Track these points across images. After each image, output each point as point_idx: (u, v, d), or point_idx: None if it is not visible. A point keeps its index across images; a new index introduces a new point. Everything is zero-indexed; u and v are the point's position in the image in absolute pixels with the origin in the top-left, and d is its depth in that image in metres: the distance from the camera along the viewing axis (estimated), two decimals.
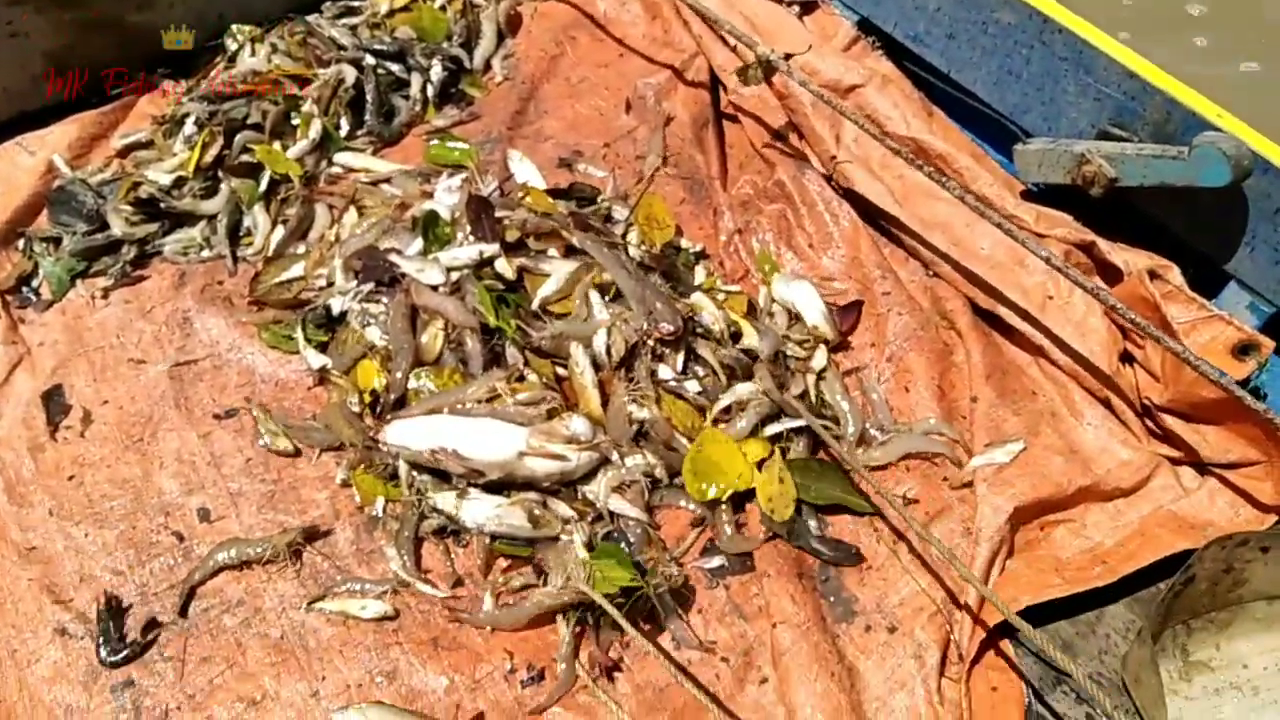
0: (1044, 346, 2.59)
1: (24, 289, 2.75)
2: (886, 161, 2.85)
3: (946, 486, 2.41)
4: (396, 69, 3.32)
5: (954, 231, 2.72)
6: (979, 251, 2.67)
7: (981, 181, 2.72)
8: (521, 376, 2.38)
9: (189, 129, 3.00)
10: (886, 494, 2.26)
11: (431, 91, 3.32)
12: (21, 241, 2.83)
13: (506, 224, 2.61)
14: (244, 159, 2.95)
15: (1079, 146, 2.57)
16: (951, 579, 2.23)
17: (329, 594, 2.17)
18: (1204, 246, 2.56)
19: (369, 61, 3.25)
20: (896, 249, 2.89)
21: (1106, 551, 2.30)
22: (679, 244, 2.87)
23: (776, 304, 2.73)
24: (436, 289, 2.49)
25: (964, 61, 3.01)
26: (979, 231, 2.67)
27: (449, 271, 2.51)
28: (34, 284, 2.76)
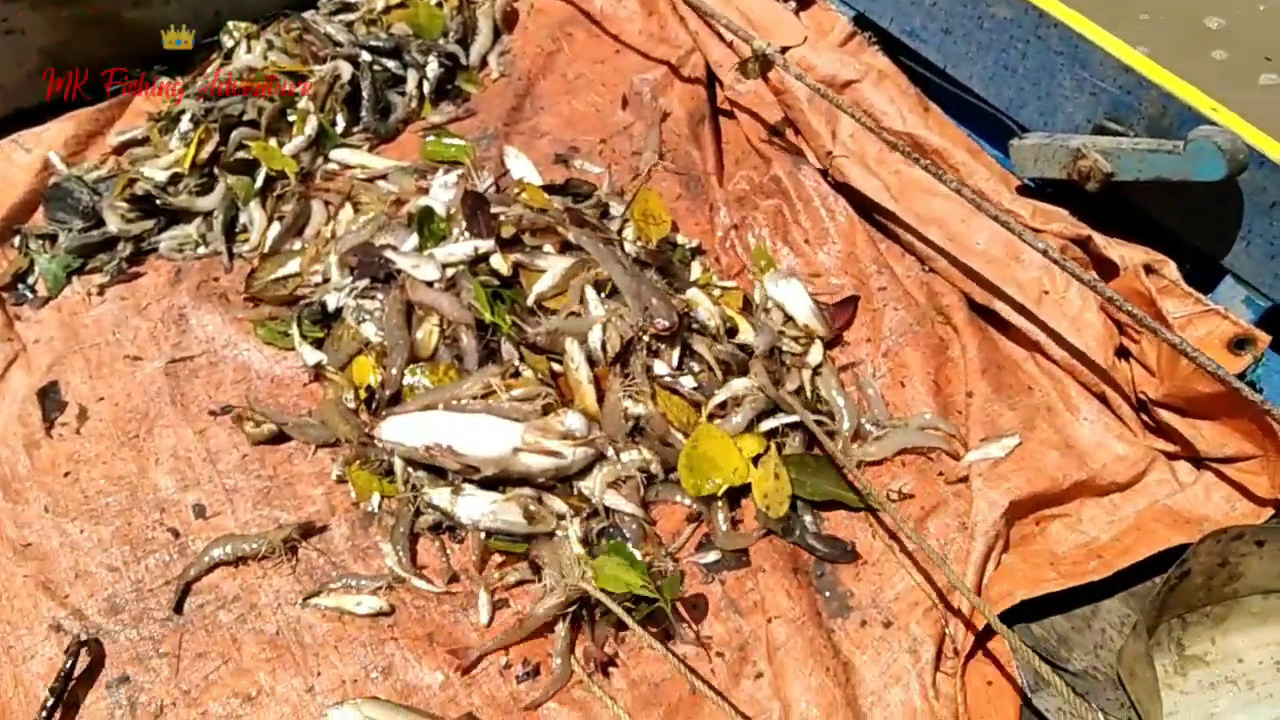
0: (1040, 341, 2.59)
1: (20, 286, 2.76)
2: (882, 157, 2.85)
3: (942, 481, 2.41)
4: (393, 65, 3.32)
5: (950, 227, 2.71)
6: (975, 247, 2.67)
7: (978, 176, 2.72)
8: (517, 372, 2.38)
9: (185, 126, 3.00)
10: (879, 497, 2.25)
11: (428, 88, 3.33)
12: (17, 238, 2.84)
13: (502, 220, 2.61)
14: (240, 155, 2.96)
15: (1075, 141, 2.57)
16: (949, 568, 2.23)
17: (324, 590, 2.17)
18: (1199, 241, 2.55)
19: (365, 58, 3.26)
20: (892, 244, 2.89)
21: (1102, 546, 2.30)
22: (675, 240, 2.87)
23: (771, 300, 2.73)
24: (432, 285, 2.49)
25: (960, 56, 3.00)
26: (975, 227, 2.67)
27: (444, 267, 2.50)
28: (30, 281, 2.77)
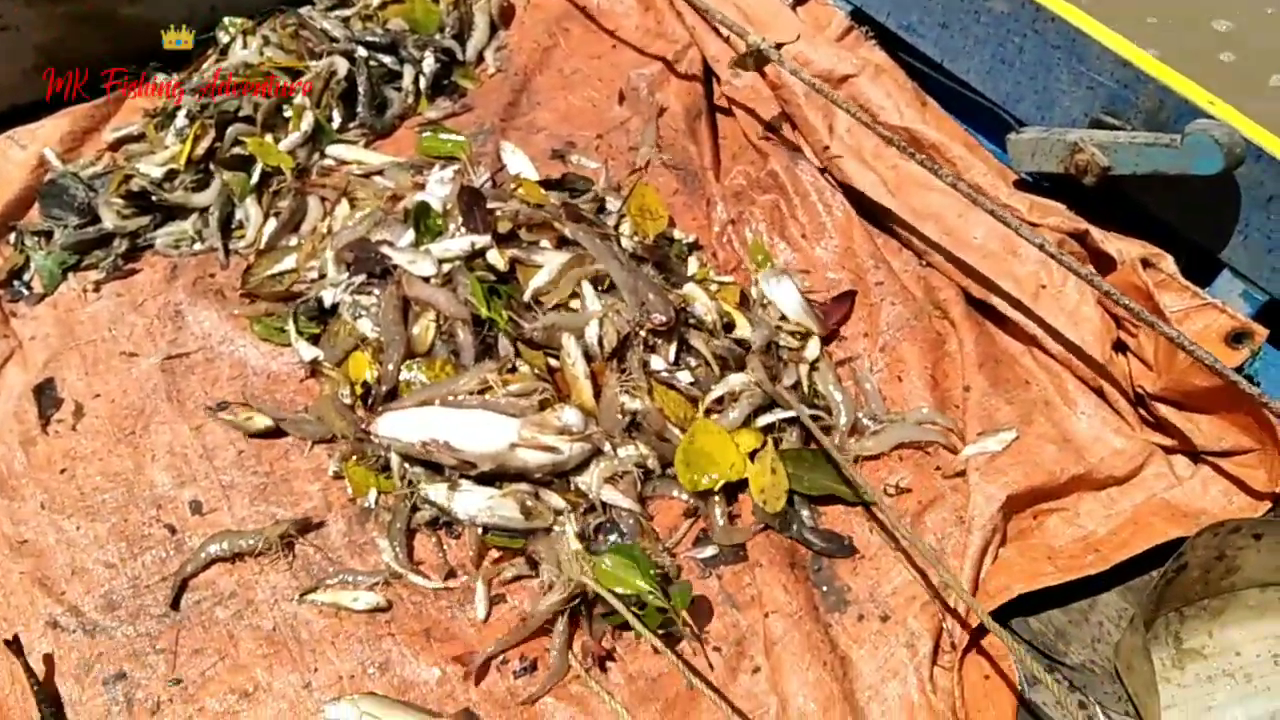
0: (1037, 335, 2.58)
1: (15, 283, 2.75)
2: (879, 152, 2.85)
3: (939, 476, 2.41)
4: (389, 61, 3.31)
5: (947, 221, 2.71)
6: (972, 241, 2.67)
7: (975, 171, 2.72)
8: (513, 368, 2.38)
9: (180, 122, 2.99)
10: (874, 493, 2.25)
11: (424, 83, 3.32)
12: (13, 235, 2.83)
13: (498, 215, 2.60)
14: (236, 151, 2.94)
15: (1072, 135, 2.57)
16: (944, 567, 2.23)
17: (321, 586, 2.17)
18: (1197, 235, 2.55)
19: (361, 53, 3.24)
20: (889, 239, 2.89)
21: (1099, 540, 2.30)
22: (672, 235, 2.86)
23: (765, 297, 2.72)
24: (428, 280, 2.48)
25: (957, 51, 3.00)
26: (972, 221, 2.67)
27: (441, 263, 2.50)
28: (25, 278, 2.76)
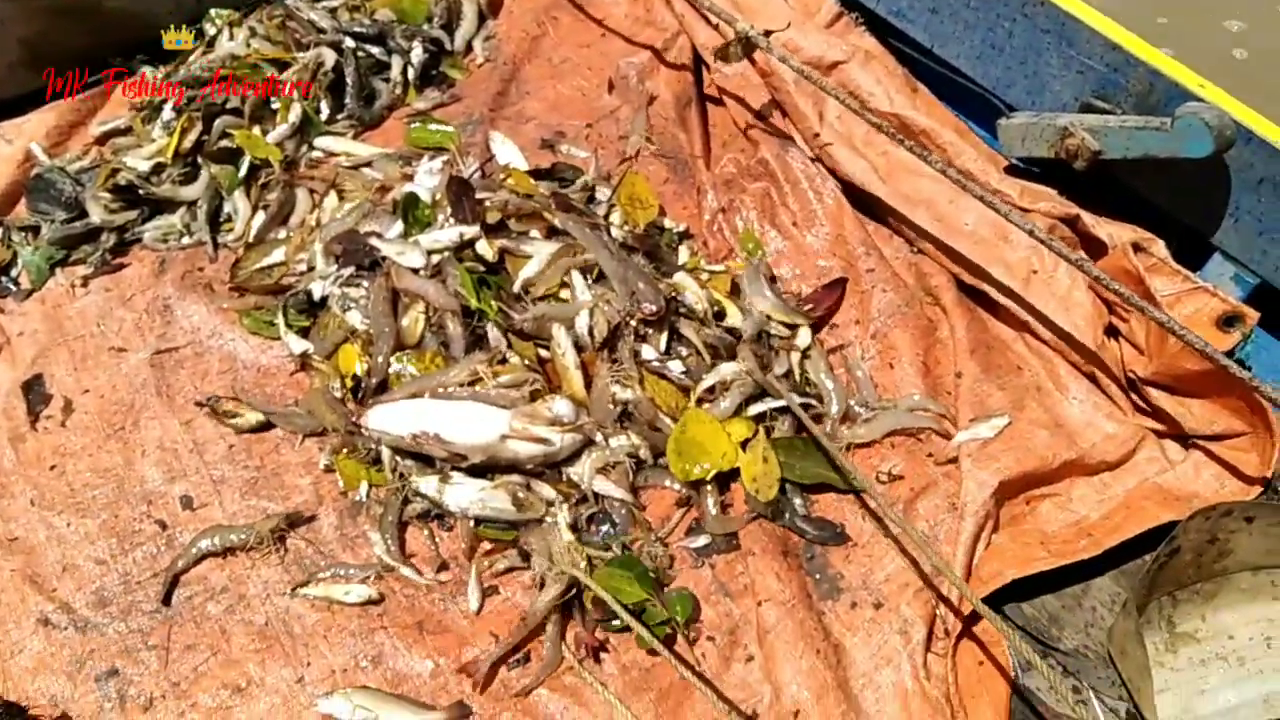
0: (1028, 321, 2.58)
1: (3, 278, 2.74)
2: (870, 138, 2.83)
3: (931, 462, 2.41)
4: (377, 51, 3.29)
5: (938, 207, 2.70)
6: (963, 227, 2.66)
7: (965, 157, 2.72)
8: (504, 359, 2.37)
9: (167, 115, 2.97)
10: (865, 481, 2.25)
11: (412, 74, 3.30)
12: (0, 231, 2.81)
13: (487, 205, 2.59)
14: (223, 144, 2.93)
15: (1062, 120, 2.56)
16: (938, 554, 2.22)
17: (313, 579, 2.17)
18: (1188, 218, 2.55)
19: (349, 44, 3.22)
20: (880, 226, 2.88)
21: (1092, 525, 2.30)
22: (662, 224, 2.85)
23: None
24: (417, 272, 2.47)
25: (947, 36, 2.99)
26: (963, 207, 2.66)
27: (430, 254, 2.49)
28: (13, 273, 2.75)
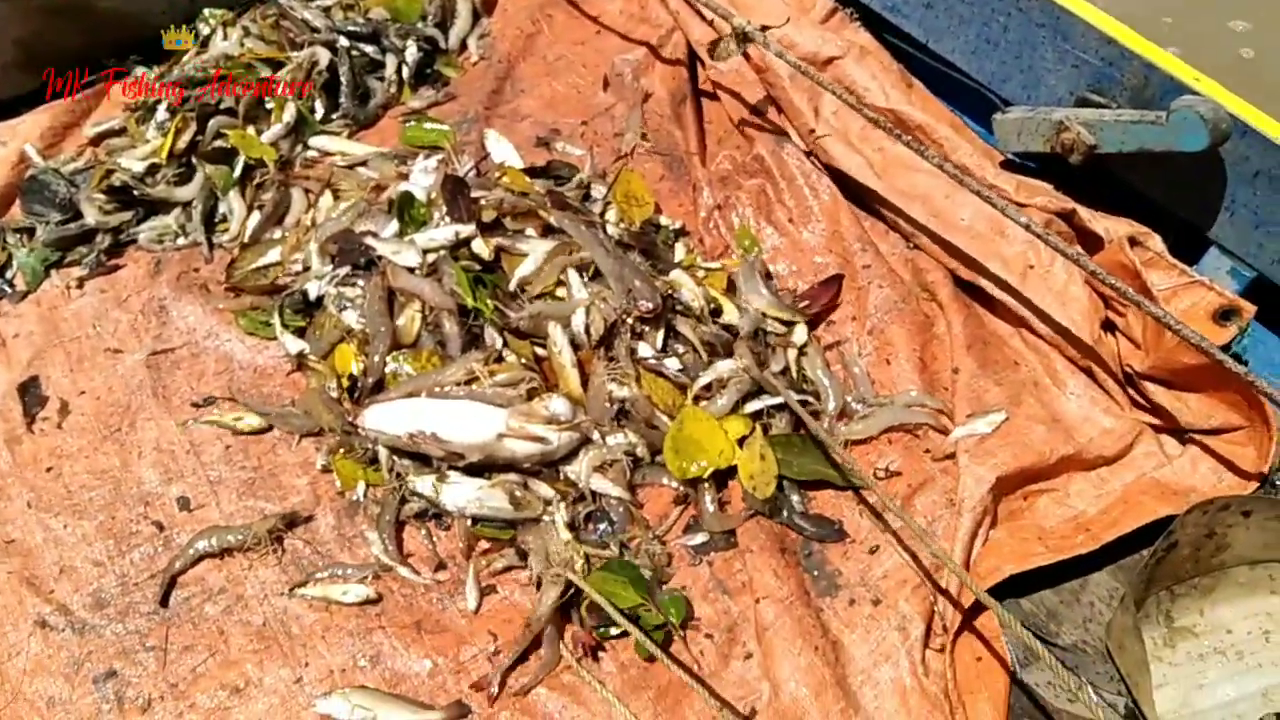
0: (1025, 316, 2.58)
1: None
2: (865, 134, 2.83)
3: (929, 458, 2.40)
4: (371, 50, 3.28)
5: (934, 203, 2.70)
6: (959, 222, 2.65)
7: (961, 152, 2.71)
8: (500, 357, 2.37)
9: (161, 115, 2.96)
10: (864, 476, 2.24)
11: (407, 73, 3.30)
12: None
13: (483, 204, 2.58)
14: (218, 144, 2.92)
15: (1058, 114, 2.55)
16: (936, 546, 2.23)
17: (311, 580, 2.17)
18: (1184, 212, 2.54)
19: (343, 43, 3.22)
20: (877, 221, 2.88)
21: (1090, 519, 2.30)
22: (658, 221, 2.85)
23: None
24: (413, 271, 2.47)
25: (942, 31, 2.98)
26: (959, 202, 2.65)
27: (425, 253, 2.48)
28: (8, 275, 2.75)
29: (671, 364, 2.43)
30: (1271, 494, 2.26)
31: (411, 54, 3.30)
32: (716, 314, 2.57)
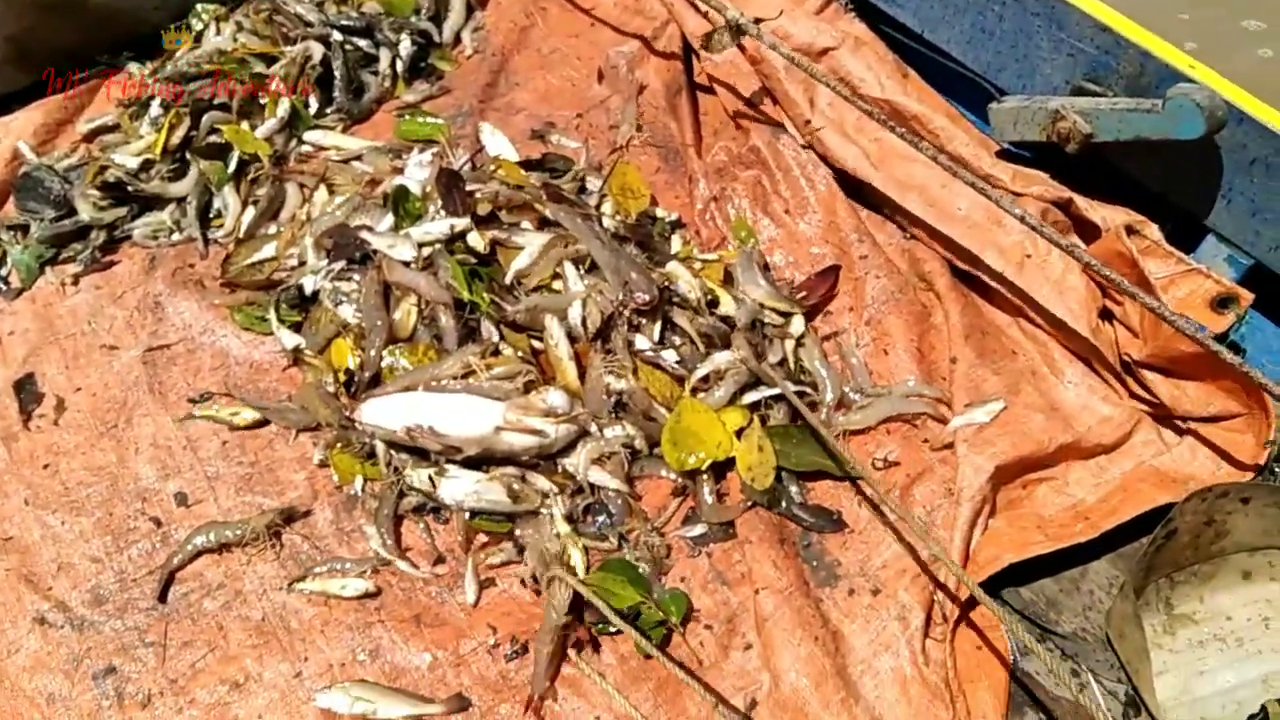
0: (1023, 306, 2.57)
1: None
2: (861, 124, 2.82)
3: (927, 448, 2.40)
4: (364, 44, 3.28)
5: (930, 193, 2.69)
6: (956, 212, 2.65)
7: (957, 142, 2.70)
8: (497, 351, 2.36)
9: (155, 111, 2.96)
10: (862, 469, 2.24)
11: (401, 66, 3.29)
12: None
13: (478, 197, 2.58)
14: (212, 140, 2.92)
15: (1053, 103, 2.55)
16: (934, 540, 2.22)
17: (309, 574, 2.16)
18: (1181, 200, 2.54)
19: (336, 38, 3.21)
20: (873, 212, 2.87)
21: (1089, 508, 2.30)
22: (654, 213, 2.84)
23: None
24: (409, 265, 2.46)
25: (937, 21, 2.98)
26: (955, 192, 2.64)
27: (421, 247, 2.48)
28: (2, 272, 2.74)
29: (669, 356, 2.42)
30: (1270, 481, 2.26)
31: (405, 48, 3.29)
32: (713, 306, 2.57)
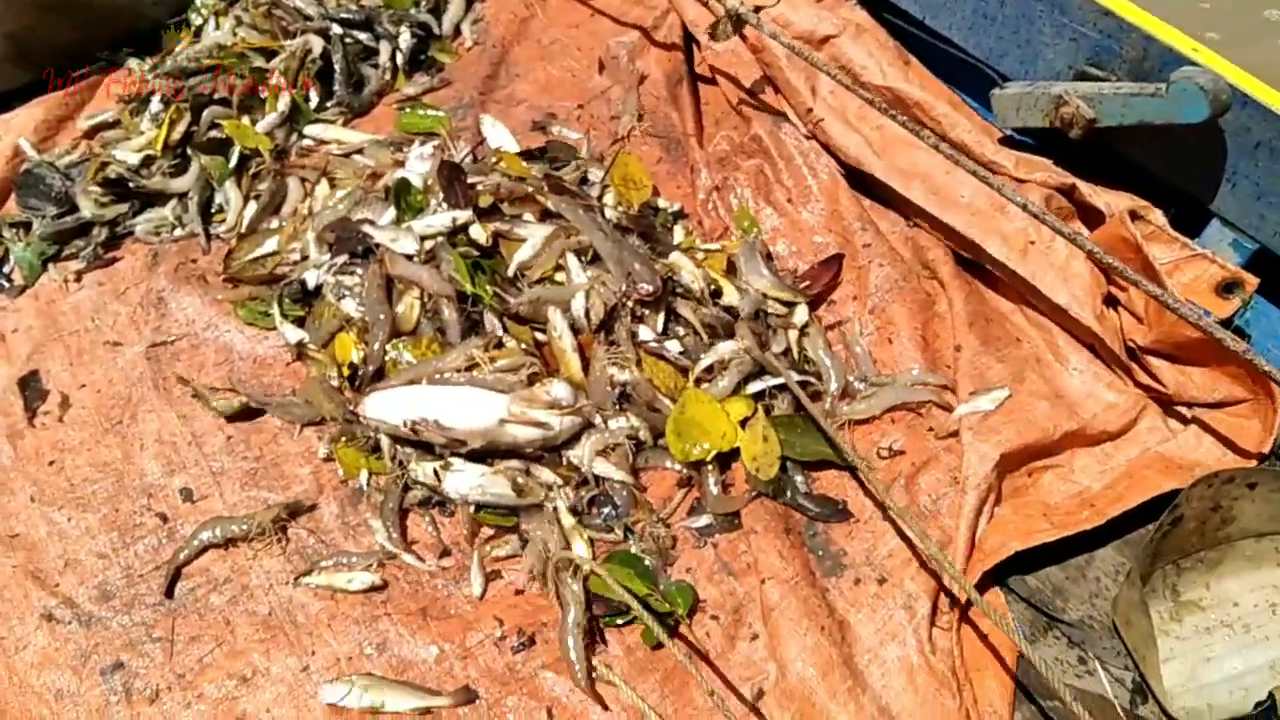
0: (1027, 293, 2.56)
1: None
2: (863, 113, 2.81)
3: (932, 437, 2.40)
4: (364, 37, 3.28)
5: (934, 180, 2.68)
6: (959, 199, 2.64)
7: (960, 129, 2.69)
8: (500, 343, 2.36)
9: (155, 107, 2.96)
10: (860, 460, 2.23)
11: (401, 59, 3.29)
12: None
13: (479, 189, 2.58)
14: (212, 135, 2.92)
15: (1056, 88, 2.53)
16: (940, 528, 2.23)
17: (316, 568, 2.16)
18: (1185, 185, 2.53)
19: (336, 31, 3.21)
20: (876, 200, 2.86)
21: (1094, 495, 2.29)
22: (656, 204, 2.84)
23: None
24: (411, 258, 2.46)
25: (938, 7, 2.96)
26: (959, 179, 2.64)
27: (423, 240, 2.48)
28: (5, 270, 2.75)
29: (672, 346, 2.42)
30: (1276, 466, 2.26)
31: (405, 40, 3.29)
32: (717, 296, 2.56)
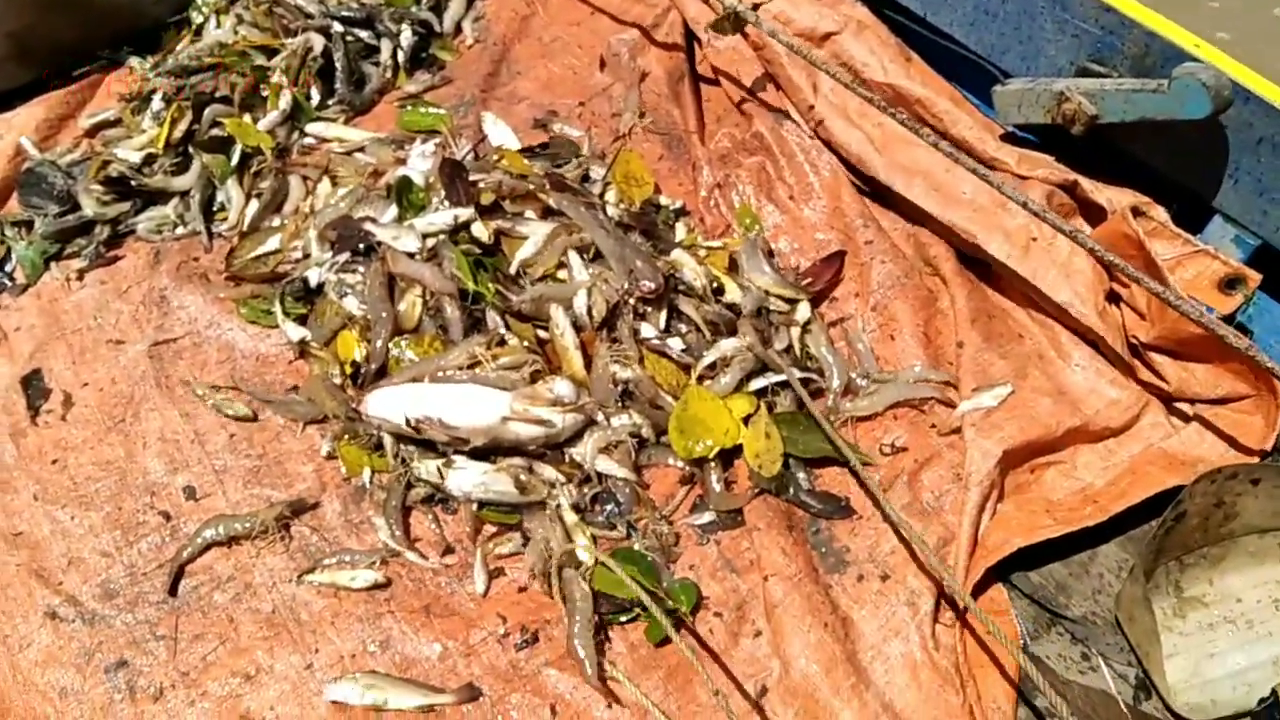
0: (1029, 289, 2.56)
1: None
2: (865, 110, 2.81)
3: (935, 433, 2.40)
4: (365, 35, 3.28)
5: (935, 176, 2.68)
6: (961, 196, 2.64)
7: (961, 125, 2.70)
8: (502, 341, 2.36)
9: (157, 105, 2.95)
10: (857, 459, 2.23)
11: (402, 57, 3.28)
12: None
13: (481, 187, 2.57)
14: (214, 133, 2.91)
15: (1058, 84, 2.53)
16: (942, 525, 2.23)
17: (319, 566, 2.16)
18: (1187, 181, 2.53)
19: (337, 29, 3.21)
20: (878, 197, 2.86)
21: (1097, 491, 2.30)
22: (658, 201, 2.84)
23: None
24: (413, 256, 2.46)
25: (939, 3, 2.96)
26: (960, 176, 2.63)
27: (425, 238, 2.47)
28: (7, 268, 2.74)
29: (675, 344, 2.42)
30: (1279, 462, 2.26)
31: (406, 38, 3.29)
32: (719, 293, 2.56)
